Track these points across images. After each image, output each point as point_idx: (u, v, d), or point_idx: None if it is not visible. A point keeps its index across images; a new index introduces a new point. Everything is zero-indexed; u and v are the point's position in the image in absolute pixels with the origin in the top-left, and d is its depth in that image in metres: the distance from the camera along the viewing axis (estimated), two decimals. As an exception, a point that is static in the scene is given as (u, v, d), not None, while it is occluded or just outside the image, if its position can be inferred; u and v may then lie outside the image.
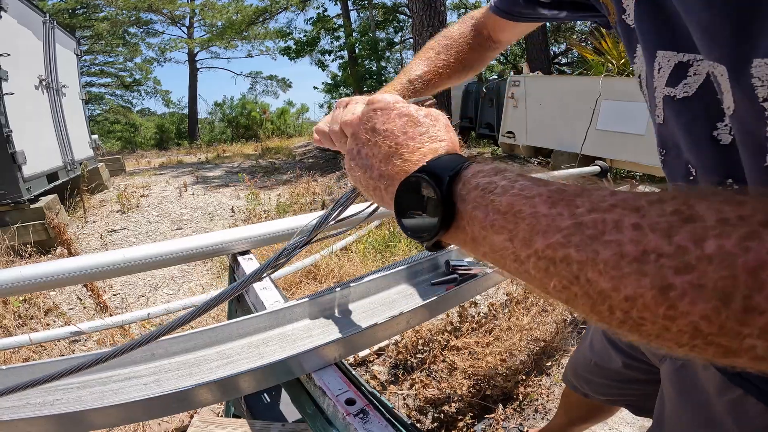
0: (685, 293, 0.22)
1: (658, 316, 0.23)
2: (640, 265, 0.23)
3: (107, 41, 18.88)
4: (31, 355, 2.01)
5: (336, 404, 0.58)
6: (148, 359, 0.63)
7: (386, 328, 0.71)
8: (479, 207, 0.32)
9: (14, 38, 4.46)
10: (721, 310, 0.21)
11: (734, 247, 0.21)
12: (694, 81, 0.42)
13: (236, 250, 0.96)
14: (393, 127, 0.41)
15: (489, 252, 0.31)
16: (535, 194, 0.29)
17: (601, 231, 0.25)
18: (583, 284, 0.25)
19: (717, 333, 0.22)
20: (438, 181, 0.34)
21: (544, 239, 0.27)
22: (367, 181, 0.42)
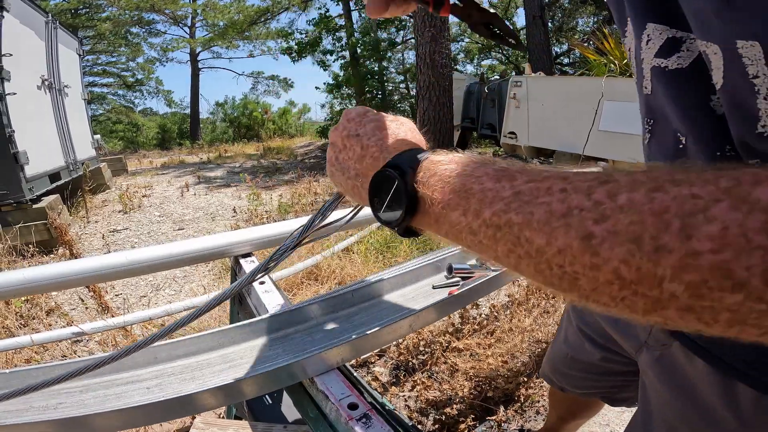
0: (604, 240, 0.24)
1: (585, 266, 0.25)
2: (566, 219, 0.26)
3: (110, 41, 18.92)
4: (32, 355, 2.01)
5: (339, 409, 0.58)
6: (150, 363, 0.63)
7: (389, 332, 0.71)
8: (437, 190, 0.36)
9: (17, 38, 4.46)
10: (635, 252, 0.23)
11: (642, 197, 0.24)
12: (687, 56, 0.43)
13: (239, 253, 0.96)
14: (364, 131, 0.46)
15: (449, 229, 0.35)
16: (482, 174, 0.33)
17: (535, 195, 0.29)
18: (523, 244, 0.29)
19: (637, 279, 0.24)
20: (402, 172, 0.39)
21: (490, 208, 0.31)
22: (346, 182, 0.48)
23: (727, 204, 0.22)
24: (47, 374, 0.60)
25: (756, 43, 0.32)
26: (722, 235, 0.21)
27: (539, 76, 6.06)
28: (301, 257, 3.22)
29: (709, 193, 0.22)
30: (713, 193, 0.22)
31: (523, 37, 14.30)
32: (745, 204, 0.21)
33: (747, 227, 0.21)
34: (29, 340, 1.73)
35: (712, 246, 0.21)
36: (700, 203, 0.22)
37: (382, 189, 0.41)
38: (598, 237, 0.25)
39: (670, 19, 0.44)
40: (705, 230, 0.22)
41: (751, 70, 0.34)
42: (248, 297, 0.88)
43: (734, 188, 0.22)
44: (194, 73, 20.92)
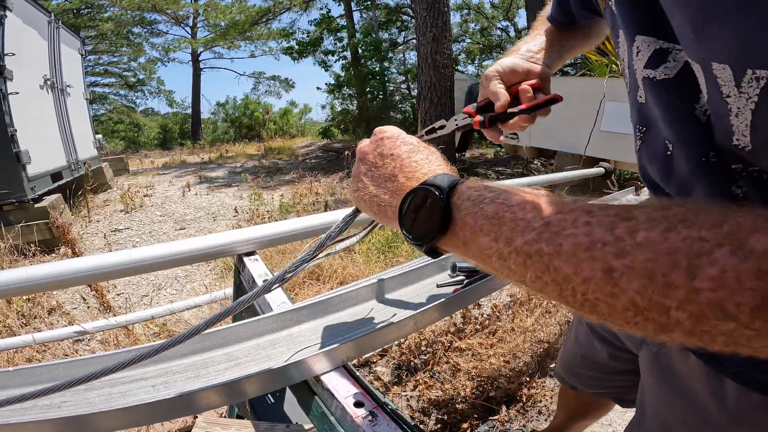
0: (623, 273, 0.28)
1: (606, 294, 0.29)
2: (591, 252, 0.29)
3: (111, 41, 18.94)
4: (34, 354, 2.01)
5: (344, 406, 0.58)
6: (156, 361, 0.63)
7: (393, 330, 0.71)
8: (470, 214, 0.38)
9: (19, 38, 4.47)
10: (648, 285, 0.27)
11: (657, 236, 0.27)
12: (673, 66, 0.45)
13: (242, 251, 0.96)
14: (399, 152, 0.49)
15: (477, 253, 0.38)
16: (515, 203, 0.36)
17: (563, 227, 0.31)
18: (552, 272, 0.31)
19: (649, 307, 0.27)
20: (440, 191, 0.41)
21: (522, 237, 0.33)
22: (371, 198, 0.49)
23: (728, 250, 0.25)
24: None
25: (726, 66, 0.35)
26: (721, 277, 0.25)
27: (541, 76, 6.04)
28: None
29: (714, 236, 0.26)
30: (717, 237, 0.26)
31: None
32: (742, 251, 0.25)
33: (741, 271, 0.24)
34: (31, 338, 1.72)
35: (711, 285, 0.25)
36: (705, 246, 0.26)
37: (418, 206, 0.43)
38: (618, 271, 0.28)
39: (656, 32, 0.45)
40: (707, 272, 0.25)
41: (725, 90, 0.36)
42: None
43: (735, 234, 0.25)
44: (196, 74, 20.93)
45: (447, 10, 6.75)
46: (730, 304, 0.25)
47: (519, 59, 0.70)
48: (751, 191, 0.41)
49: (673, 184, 0.49)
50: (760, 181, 0.39)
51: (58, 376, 0.62)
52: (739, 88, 0.35)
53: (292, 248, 3.40)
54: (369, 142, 0.53)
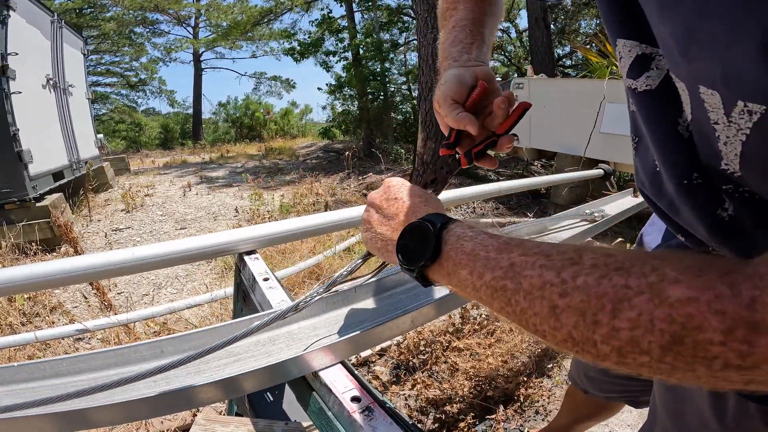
0: (563, 311, 0.33)
1: (551, 327, 0.34)
2: (541, 292, 0.35)
3: (113, 41, 18.96)
4: (35, 352, 2.02)
5: (342, 402, 0.59)
6: (157, 356, 0.64)
7: (391, 328, 0.72)
8: (454, 249, 0.44)
9: (23, 37, 4.48)
10: (581, 322, 0.32)
11: (592, 281, 0.32)
12: (656, 75, 0.42)
13: (242, 250, 0.97)
14: (402, 195, 0.56)
15: (458, 283, 0.43)
16: (488, 244, 0.41)
17: (523, 268, 0.37)
18: (513, 305, 0.37)
19: (582, 340, 0.32)
20: (434, 225, 0.47)
21: (491, 273, 0.39)
22: (376, 236, 0.57)
23: (647, 296, 0.29)
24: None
25: (716, 92, 0.34)
26: (637, 319, 0.29)
27: (541, 78, 6.06)
28: (303, 257, 3.23)
29: (638, 285, 0.30)
30: (640, 286, 0.30)
31: (525, 39, 14.28)
32: (658, 298, 0.29)
33: (655, 316, 0.29)
34: (33, 336, 1.74)
35: (629, 325, 0.30)
36: (629, 293, 0.30)
37: (414, 236, 0.49)
38: (560, 308, 0.33)
39: (638, 34, 0.42)
40: (626, 314, 0.30)
41: (713, 117, 0.36)
42: (252, 294, 0.89)
43: (657, 284, 0.29)
44: (197, 74, 20.96)
45: (448, 12, 6.76)
46: (644, 342, 0.29)
47: (460, 69, 0.64)
48: (740, 212, 0.40)
49: (664, 201, 0.49)
50: (751, 200, 0.39)
51: (62, 371, 0.63)
52: (729, 117, 0.34)
53: (292, 248, 3.42)
54: (378, 191, 0.60)
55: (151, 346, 0.64)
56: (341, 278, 0.65)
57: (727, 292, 0.27)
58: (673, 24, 0.35)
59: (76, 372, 0.63)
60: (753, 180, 0.37)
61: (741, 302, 0.26)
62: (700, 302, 0.27)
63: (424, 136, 6.77)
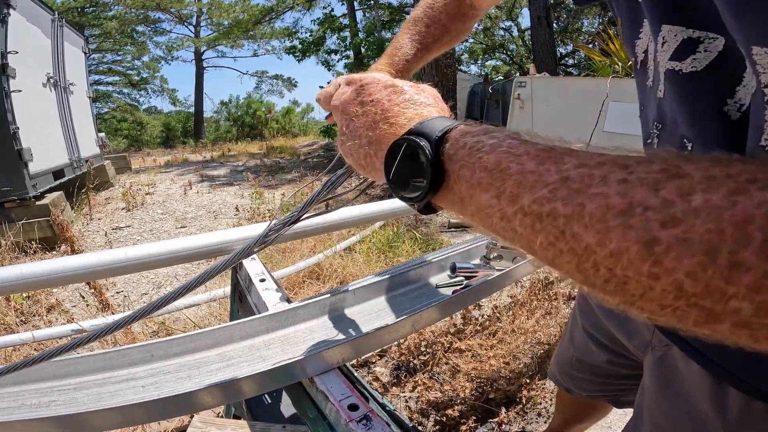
0: (671, 247, 0.21)
1: (642, 274, 0.22)
2: (625, 218, 0.22)
3: (115, 40, 18.99)
4: (32, 352, 2.00)
5: (338, 409, 0.56)
6: (146, 360, 0.62)
7: (391, 332, 0.70)
8: (466, 166, 0.31)
9: (23, 36, 4.47)
10: (707, 266, 0.20)
11: (721, 201, 0.20)
12: (704, 57, 0.41)
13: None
14: (379, 96, 0.42)
15: (476, 212, 0.31)
16: (523, 152, 0.29)
17: (587, 184, 0.24)
18: (568, 239, 0.25)
19: (701, 293, 0.21)
20: (427, 140, 0.34)
21: (530, 194, 0.27)
22: (357, 152, 0.43)
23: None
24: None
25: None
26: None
27: (544, 76, 6.03)
28: (303, 256, 3.21)
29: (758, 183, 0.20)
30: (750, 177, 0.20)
31: (527, 37, 14.24)
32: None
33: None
34: (30, 336, 1.72)
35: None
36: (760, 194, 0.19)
37: (403, 159, 0.37)
38: (664, 243, 0.21)
39: (686, 20, 0.42)
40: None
41: (764, 79, 0.33)
42: (248, 295, 0.87)
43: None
44: (199, 72, 20.97)
45: (450, 10, 6.74)
46: None
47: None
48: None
49: None
50: None
51: (47, 375, 0.61)
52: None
53: (293, 246, 3.39)
54: (349, 90, 0.45)
55: (141, 350, 0.61)
56: (321, 197, 0.55)
57: None
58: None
59: (62, 376, 0.61)
60: None
61: None
62: None
63: (425, 135, 6.76)
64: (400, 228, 3.85)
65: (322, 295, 0.79)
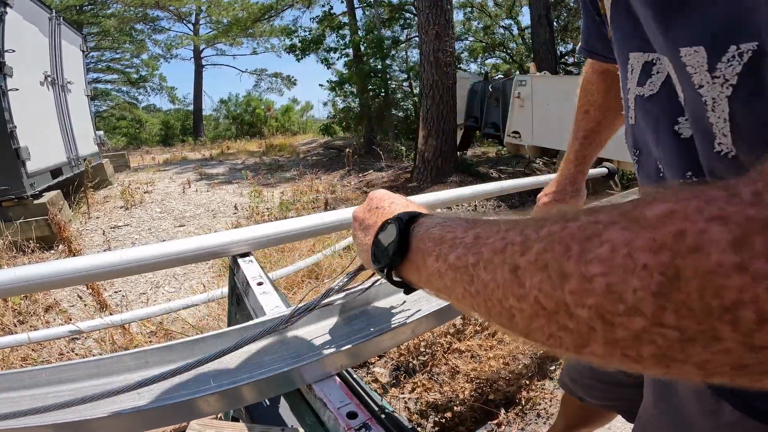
0: (526, 270, 0.25)
1: (516, 297, 0.26)
2: (502, 255, 0.27)
3: (114, 38, 18.93)
4: (29, 353, 1.99)
5: (337, 417, 0.55)
6: (142, 367, 0.61)
7: (391, 337, 0.69)
8: (421, 239, 0.39)
9: (20, 34, 4.45)
10: (545, 281, 0.24)
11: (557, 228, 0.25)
12: (657, 79, 0.46)
13: (236, 252, 0.94)
14: (382, 204, 0.53)
15: (426, 277, 0.38)
16: (457, 225, 0.36)
17: (488, 237, 0.30)
18: (475, 282, 0.29)
19: (554, 309, 0.23)
20: (400, 221, 0.43)
21: (455, 252, 0.33)
22: (360, 246, 0.54)
23: (620, 226, 0.21)
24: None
25: (700, 47, 0.34)
26: (610, 256, 0.21)
27: (544, 75, 6.02)
28: (302, 256, 3.20)
29: (608, 217, 0.22)
30: (612, 217, 0.22)
31: (528, 36, 14.21)
32: (634, 224, 0.21)
33: (633, 246, 0.20)
34: (26, 337, 1.71)
35: (602, 268, 0.21)
36: (598, 227, 0.22)
37: (384, 235, 0.46)
38: (522, 268, 0.25)
39: (644, 45, 0.46)
40: (596, 252, 0.21)
41: (696, 80, 0.35)
42: (246, 298, 0.85)
43: (630, 211, 0.22)
44: (198, 70, 20.93)
45: (450, 8, 6.71)
46: (627, 290, 0.20)
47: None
48: None
49: None
50: None
51: (41, 381, 0.60)
52: (713, 74, 0.34)
53: (291, 246, 3.38)
54: (363, 204, 0.58)
55: (136, 356, 0.60)
56: (334, 291, 0.65)
57: (720, 194, 0.19)
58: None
59: (56, 382, 0.59)
60: (747, 158, 0.35)
61: (743, 200, 0.18)
62: (688, 212, 0.19)
63: (425, 133, 6.73)
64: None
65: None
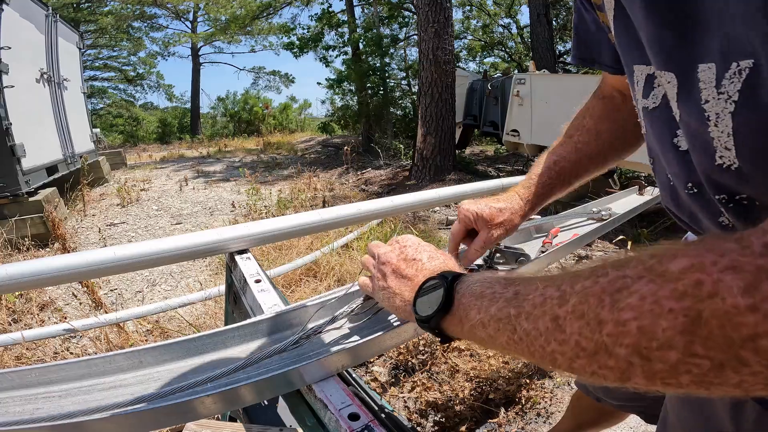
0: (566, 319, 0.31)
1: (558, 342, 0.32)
2: (543, 308, 0.33)
3: (111, 35, 18.81)
4: (24, 352, 1.97)
5: (338, 419, 0.54)
6: (135, 367, 0.59)
7: (393, 336, 0.67)
8: (464, 296, 0.45)
9: (16, 31, 4.42)
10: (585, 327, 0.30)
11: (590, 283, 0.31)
12: (659, 92, 0.47)
13: (234, 249, 0.92)
14: (420, 257, 0.58)
15: (469, 327, 0.43)
16: (496, 282, 0.42)
17: (527, 294, 0.36)
18: (519, 331, 0.35)
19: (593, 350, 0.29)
20: (445, 279, 0.48)
21: (495, 305, 0.39)
22: (393, 295, 0.57)
23: (647, 279, 0.26)
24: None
25: (713, 64, 0.36)
26: (640, 304, 0.26)
27: (543, 74, 6.00)
28: (300, 253, 3.18)
29: (635, 272, 0.28)
30: (638, 272, 0.27)
31: (527, 35, 14.20)
32: (660, 277, 0.26)
33: (659, 295, 0.25)
34: (20, 336, 1.68)
35: (634, 314, 0.26)
36: (627, 281, 0.28)
37: (429, 290, 0.50)
38: (561, 317, 0.31)
39: (645, 57, 0.46)
40: (627, 302, 0.27)
41: (704, 95, 0.37)
42: (243, 296, 0.84)
43: (655, 265, 0.27)
44: (195, 68, 20.83)
45: (449, 6, 6.68)
46: (658, 330, 0.25)
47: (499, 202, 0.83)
48: (737, 223, 0.41)
49: (685, 213, 0.51)
50: (747, 210, 0.39)
51: (31, 381, 0.57)
52: (719, 89, 0.36)
53: (289, 243, 3.36)
54: (391, 248, 0.61)
55: (129, 356, 0.58)
56: (341, 318, 0.68)
57: (733, 246, 0.24)
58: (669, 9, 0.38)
59: (47, 383, 0.57)
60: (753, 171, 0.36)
61: (753, 252, 0.23)
62: (705, 265, 0.24)
63: (423, 132, 6.71)
64: (398, 225, 3.82)
65: (321, 297, 0.77)
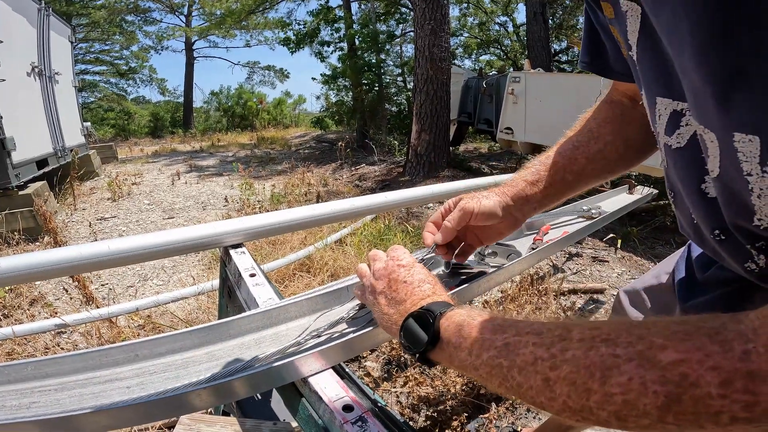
0: (556, 382, 0.36)
1: (547, 398, 0.37)
2: (534, 366, 0.38)
3: (104, 29, 18.56)
4: (14, 348, 1.95)
5: (333, 411, 0.54)
6: (131, 360, 0.59)
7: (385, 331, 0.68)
8: (453, 334, 0.47)
9: (8, 25, 4.37)
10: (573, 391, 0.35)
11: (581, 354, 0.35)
12: (685, 132, 0.45)
13: (228, 243, 0.92)
14: (411, 280, 0.59)
15: (458, 364, 0.46)
16: (485, 326, 0.45)
17: (517, 347, 0.40)
18: (510, 380, 0.40)
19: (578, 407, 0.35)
20: (433, 315, 0.50)
21: (487, 353, 0.42)
22: (383, 314, 0.58)
23: (636, 363, 0.31)
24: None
25: (756, 137, 0.34)
26: (628, 383, 0.31)
27: (538, 72, 6.02)
28: (294, 248, 3.18)
29: (626, 353, 0.32)
30: (629, 354, 0.32)
31: (522, 33, 14.22)
32: (648, 362, 0.31)
33: (646, 379, 0.30)
34: (10, 331, 1.67)
35: (621, 390, 0.32)
36: (618, 360, 0.32)
37: (416, 322, 0.52)
38: (552, 380, 0.36)
39: (674, 92, 0.44)
40: (617, 379, 0.32)
41: (746, 167, 0.36)
42: (238, 290, 0.84)
43: (645, 351, 0.32)
44: (189, 62, 20.64)
45: (446, 3, 6.67)
46: (640, 404, 0.30)
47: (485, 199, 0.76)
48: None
49: (708, 249, 0.52)
50: None
51: (28, 375, 0.58)
52: (764, 167, 0.35)
53: (283, 238, 3.36)
54: (385, 265, 0.62)
55: (124, 350, 0.58)
56: (338, 324, 0.68)
57: (717, 349, 0.28)
58: (715, 66, 0.34)
59: (42, 376, 0.57)
60: None
61: (733, 356, 0.27)
62: (691, 362, 0.29)
63: (418, 128, 6.71)
64: (391, 221, 3.83)
65: (315, 291, 0.77)
